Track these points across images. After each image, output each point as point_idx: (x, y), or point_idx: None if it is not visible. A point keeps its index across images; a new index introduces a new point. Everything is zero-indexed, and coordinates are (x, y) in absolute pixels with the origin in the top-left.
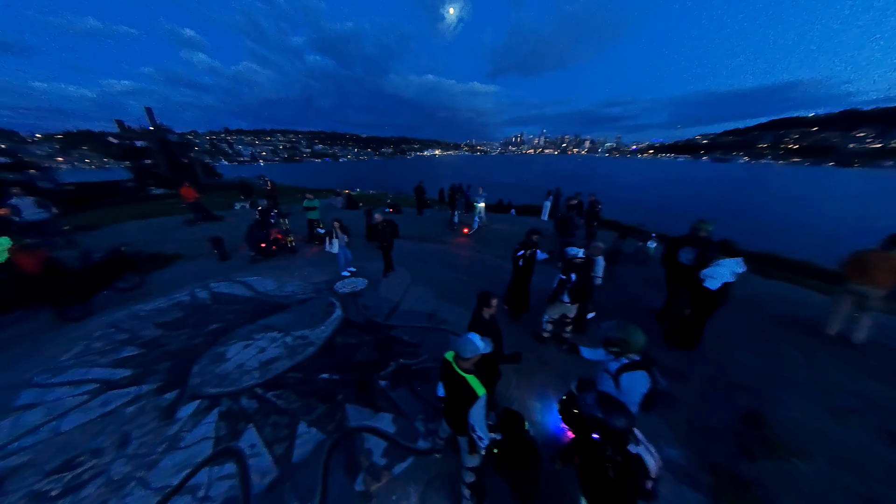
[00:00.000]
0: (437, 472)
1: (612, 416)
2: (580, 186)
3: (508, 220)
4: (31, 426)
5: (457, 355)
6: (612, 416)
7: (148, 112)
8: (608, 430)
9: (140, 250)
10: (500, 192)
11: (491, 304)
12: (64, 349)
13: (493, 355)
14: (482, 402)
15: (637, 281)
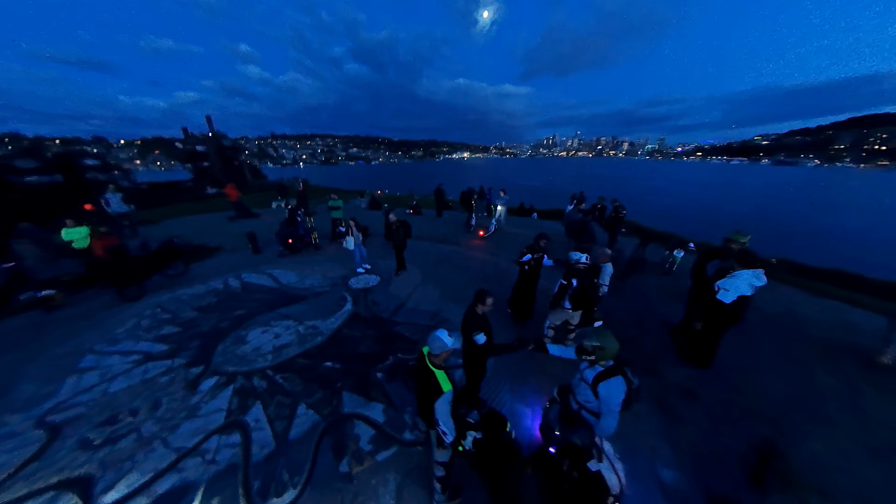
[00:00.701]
0: (417, 462)
1: (569, 433)
2: (614, 190)
3: (529, 224)
4: (88, 386)
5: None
6: (570, 433)
7: (207, 120)
8: (566, 445)
9: (188, 242)
10: (526, 195)
11: (486, 301)
12: (120, 323)
13: (480, 351)
14: (447, 398)
15: (658, 292)
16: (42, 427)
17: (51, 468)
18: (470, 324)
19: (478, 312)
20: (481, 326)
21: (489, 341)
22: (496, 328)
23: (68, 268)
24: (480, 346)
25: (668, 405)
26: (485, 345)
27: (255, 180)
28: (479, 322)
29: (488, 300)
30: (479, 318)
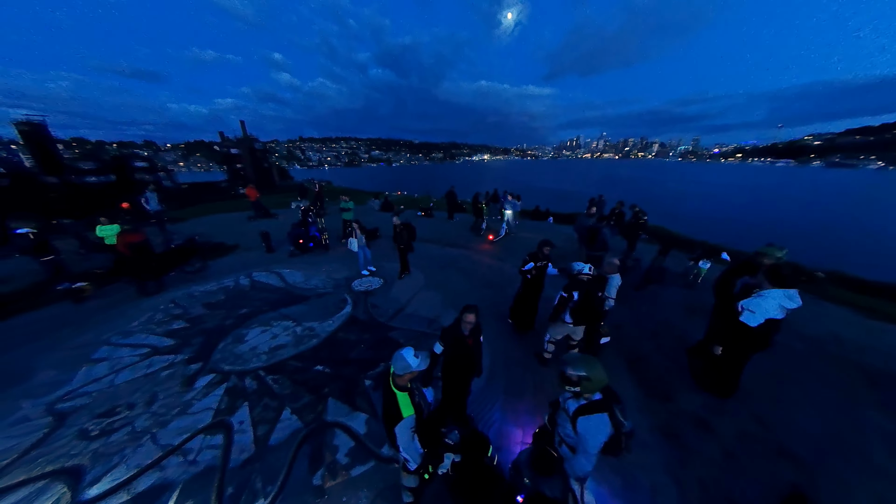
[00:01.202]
0: (393, 482)
1: (540, 482)
2: (640, 194)
3: (543, 229)
4: (98, 376)
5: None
6: (541, 482)
7: (241, 125)
8: (534, 495)
9: (208, 240)
10: (545, 198)
11: (466, 317)
12: (135, 317)
13: (460, 369)
14: (407, 424)
15: (677, 306)
16: (51, 414)
17: (49, 456)
18: (447, 341)
19: (462, 330)
20: (461, 346)
21: (470, 364)
22: (497, 338)
23: (100, 262)
24: (436, 356)
25: (678, 436)
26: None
27: (282, 181)
28: (459, 341)
29: (469, 317)
30: (460, 336)
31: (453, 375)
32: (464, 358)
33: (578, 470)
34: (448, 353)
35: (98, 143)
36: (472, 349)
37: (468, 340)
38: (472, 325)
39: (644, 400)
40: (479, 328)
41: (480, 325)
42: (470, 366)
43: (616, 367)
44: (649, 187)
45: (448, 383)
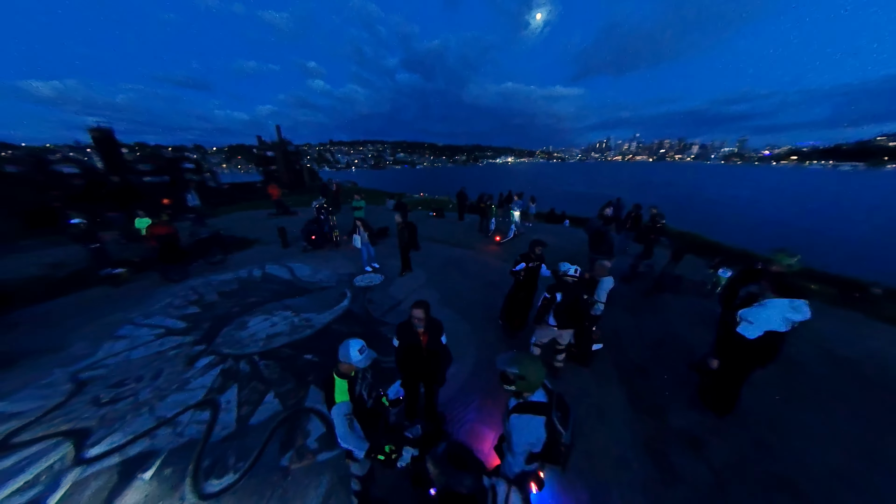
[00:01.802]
0: None
1: (452, 476)
2: (674, 198)
3: (558, 232)
4: (117, 351)
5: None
6: (453, 476)
7: (277, 129)
8: (446, 491)
9: (232, 234)
10: (567, 201)
11: (414, 313)
12: (158, 301)
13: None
14: (338, 411)
15: (688, 317)
16: (73, 381)
17: (65, 417)
18: (401, 336)
19: (414, 326)
20: (411, 341)
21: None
22: (486, 339)
23: (137, 251)
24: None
25: (664, 454)
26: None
27: (311, 182)
28: (411, 338)
29: (417, 311)
30: (411, 333)
31: (409, 371)
32: (417, 354)
33: (507, 469)
34: (402, 349)
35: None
36: (427, 347)
37: (422, 337)
38: (423, 322)
39: (632, 413)
40: (439, 327)
41: (440, 325)
42: (426, 362)
43: (607, 375)
44: (684, 191)
45: (405, 378)
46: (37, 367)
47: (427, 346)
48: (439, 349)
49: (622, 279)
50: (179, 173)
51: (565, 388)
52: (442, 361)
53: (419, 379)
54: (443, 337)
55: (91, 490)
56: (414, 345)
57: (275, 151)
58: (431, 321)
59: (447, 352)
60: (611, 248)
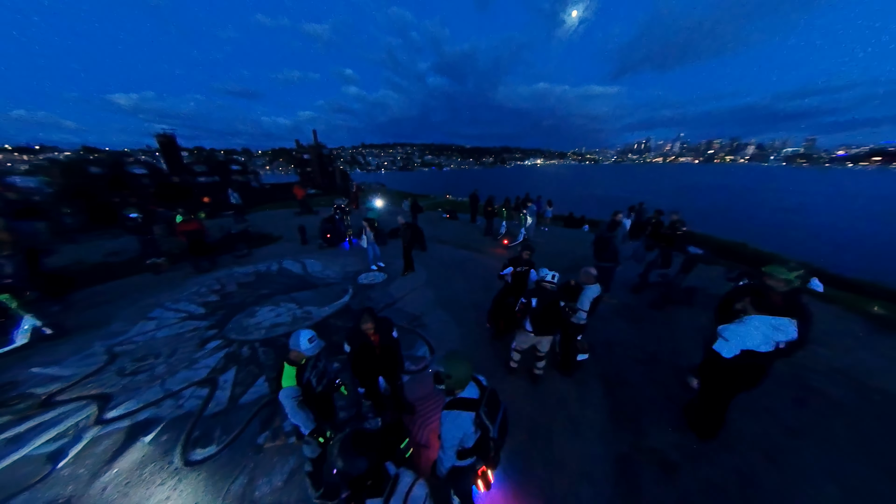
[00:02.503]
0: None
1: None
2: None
3: (575, 237)
4: (146, 330)
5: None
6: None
7: (314, 134)
8: (342, 473)
9: (259, 230)
10: (593, 205)
11: (363, 327)
12: (188, 288)
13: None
14: (285, 394)
15: (696, 332)
16: (108, 354)
17: (96, 383)
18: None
19: (362, 331)
20: (349, 339)
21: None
22: (471, 342)
23: (177, 244)
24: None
25: (635, 475)
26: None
27: (343, 183)
28: (355, 336)
29: (364, 324)
30: (361, 336)
31: (365, 370)
32: (371, 353)
33: (439, 465)
34: (355, 352)
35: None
36: (380, 345)
37: (372, 337)
38: (372, 328)
39: (610, 427)
40: (389, 324)
41: (390, 322)
42: (380, 359)
43: (589, 387)
44: (737, 196)
45: (363, 378)
46: (83, 340)
47: (379, 343)
48: (392, 343)
49: (632, 289)
50: (228, 174)
51: (543, 396)
52: (398, 355)
53: (378, 375)
54: (394, 332)
55: (103, 446)
56: (366, 345)
57: (310, 154)
58: (380, 321)
59: (399, 345)
60: (615, 255)
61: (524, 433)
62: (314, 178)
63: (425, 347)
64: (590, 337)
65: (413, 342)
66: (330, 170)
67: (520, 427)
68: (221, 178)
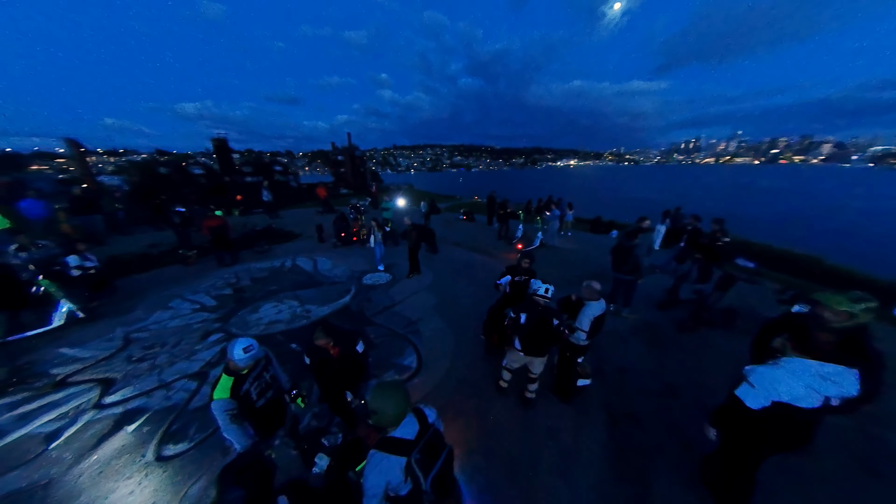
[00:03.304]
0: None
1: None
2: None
3: (598, 243)
4: (161, 319)
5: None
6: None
7: (348, 136)
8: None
9: (282, 227)
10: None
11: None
12: (206, 281)
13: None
14: (216, 406)
15: (728, 362)
16: (124, 340)
17: (105, 367)
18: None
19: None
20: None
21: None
22: (463, 354)
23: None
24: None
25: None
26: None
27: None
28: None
29: (318, 339)
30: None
31: (324, 389)
32: (331, 367)
33: None
34: (315, 365)
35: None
36: (341, 357)
37: (332, 350)
38: (327, 343)
39: (607, 473)
40: (353, 336)
41: (355, 334)
42: (342, 373)
43: (590, 418)
44: (809, 201)
45: (325, 391)
46: (108, 325)
47: (340, 356)
48: (356, 356)
49: (658, 305)
50: (271, 174)
51: (532, 424)
52: (364, 368)
53: (341, 389)
54: (359, 345)
55: (91, 432)
56: (326, 359)
57: (344, 156)
58: (342, 333)
59: (366, 358)
60: (636, 267)
61: (501, 465)
62: (347, 178)
63: (413, 356)
64: (597, 359)
65: (402, 349)
66: (361, 170)
67: (497, 457)
68: (265, 177)
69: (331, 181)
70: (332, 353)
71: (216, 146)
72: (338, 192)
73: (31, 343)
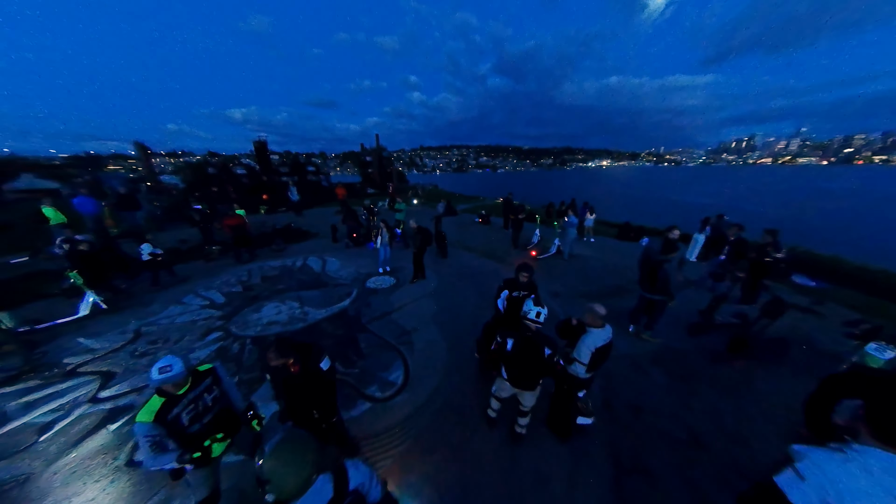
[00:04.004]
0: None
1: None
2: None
3: (625, 252)
4: (172, 314)
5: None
6: None
7: (376, 138)
8: None
9: (300, 227)
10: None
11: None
12: (220, 278)
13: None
14: (137, 430)
15: (775, 409)
16: (134, 333)
17: (111, 360)
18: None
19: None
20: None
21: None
22: (456, 373)
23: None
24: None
25: None
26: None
27: (399, 183)
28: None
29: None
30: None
31: (288, 407)
32: (291, 384)
33: None
34: (275, 383)
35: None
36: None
37: (291, 368)
38: (281, 361)
39: None
40: (317, 352)
41: (318, 349)
42: (303, 390)
43: (590, 464)
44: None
45: (289, 410)
46: (125, 317)
47: (300, 373)
48: (322, 374)
49: (688, 328)
50: (304, 174)
51: (520, 465)
52: (330, 387)
53: (307, 409)
54: (323, 362)
55: (79, 427)
56: (287, 377)
57: (372, 157)
58: (302, 349)
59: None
60: (665, 287)
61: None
62: (374, 178)
63: (401, 371)
64: (606, 391)
65: (391, 362)
66: (388, 171)
67: (475, 499)
68: (299, 177)
69: (359, 181)
70: (293, 369)
71: (257, 148)
72: (365, 191)
73: (57, 331)
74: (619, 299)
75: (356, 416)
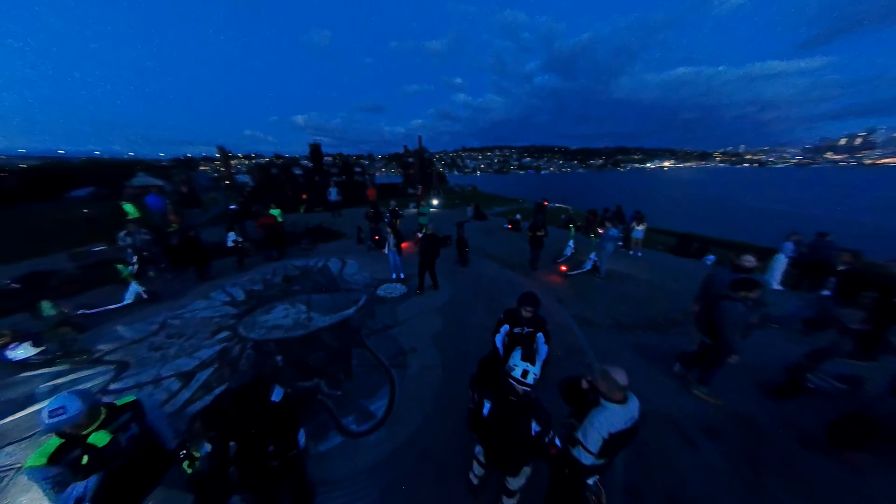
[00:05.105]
0: None
1: None
2: None
3: (682, 272)
4: (196, 308)
5: None
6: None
7: (419, 139)
8: None
9: (330, 227)
10: (739, 224)
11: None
12: (248, 275)
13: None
14: (32, 474)
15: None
16: (159, 325)
17: (132, 350)
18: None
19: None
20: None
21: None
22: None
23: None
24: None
25: None
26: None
27: (439, 185)
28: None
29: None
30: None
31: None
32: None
33: None
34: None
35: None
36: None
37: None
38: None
39: None
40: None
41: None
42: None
43: None
44: None
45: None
46: (158, 309)
47: (254, 414)
48: (276, 409)
49: (774, 390)
50: (351, 175)
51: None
52: (287, 422)
53: (263, 443)
54: (274, 394)
55: None
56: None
57: (413, 158)
58: (243, 393)
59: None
60: (729, 333)
61: None
62: (415, 179)
63: (385, 401)
64: (635, 468)
65: (378, 387)
66: (429, 172)
67: None
68: (347, 177)
69: (401, 182)
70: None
71: (311, 150)
72: (406, 192)
73: (105, 317)
74: (665, 336)
75: (323, 452)
